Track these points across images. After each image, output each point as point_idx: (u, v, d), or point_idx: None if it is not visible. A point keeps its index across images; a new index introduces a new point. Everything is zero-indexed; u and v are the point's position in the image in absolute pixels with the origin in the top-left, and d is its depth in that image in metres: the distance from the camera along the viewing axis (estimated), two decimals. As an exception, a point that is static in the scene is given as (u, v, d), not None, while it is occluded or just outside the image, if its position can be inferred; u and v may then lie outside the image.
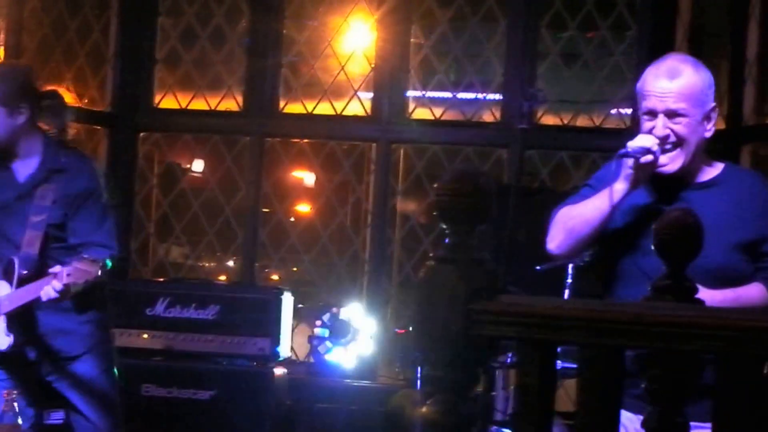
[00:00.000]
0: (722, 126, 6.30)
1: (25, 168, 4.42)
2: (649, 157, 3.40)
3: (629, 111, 6.78)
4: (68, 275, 4.09)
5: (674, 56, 3.59)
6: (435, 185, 2.36)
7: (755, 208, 3.46)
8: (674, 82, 3.43)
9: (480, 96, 6.93)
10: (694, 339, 2.06)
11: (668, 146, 3.43)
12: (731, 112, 6.23)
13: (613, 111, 6.83)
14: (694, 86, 3.44)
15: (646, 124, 3.48)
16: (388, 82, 6.95)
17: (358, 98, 7.00)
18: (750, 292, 3.45)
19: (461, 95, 6.97)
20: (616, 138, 6.30)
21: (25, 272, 4.26)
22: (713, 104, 3.48)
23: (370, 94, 7.01)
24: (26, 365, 4.38)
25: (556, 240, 3.55)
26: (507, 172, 6.63)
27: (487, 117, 6.89)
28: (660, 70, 3.48)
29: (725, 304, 3.25)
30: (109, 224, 4.45)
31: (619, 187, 3.45)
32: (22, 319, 4.30)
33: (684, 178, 3.50)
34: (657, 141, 3.43)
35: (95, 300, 4.44)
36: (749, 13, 6.19)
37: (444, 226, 2.37)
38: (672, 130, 3.43)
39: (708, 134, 3.48)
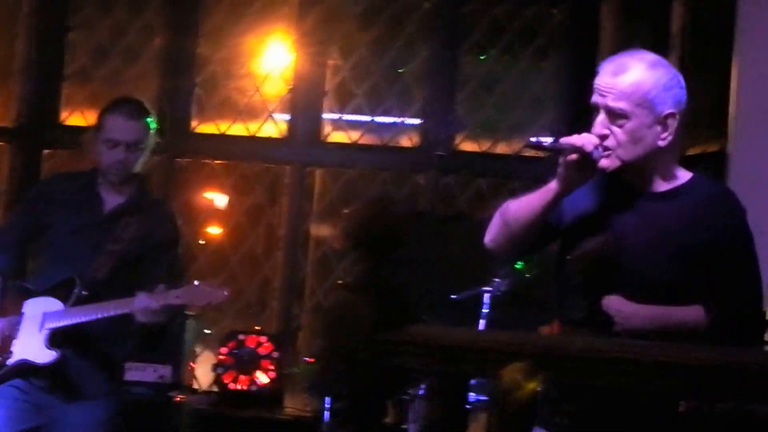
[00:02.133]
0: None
1: (113, 198, 4.33)
2: (573, 156, 3.17)
3: (549, 140, 6.79)
4: (177, 297, 4.01)
5: (634, 51, 3.28)
6: (345, 212, 2.34)
7: (711, 217, 3.26)
8: (617, 78, 3.20)
9: (398, 120, 6.93)
10: (606, 373, 2.04)
11: (603, 149, 3.16)
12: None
13: (533, 139, 6.83)
14: (640, 85, 3.21)
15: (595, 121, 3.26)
16: (304, 104, 6.92)
17: (273, 120, 6.96)
18: (684, 313, 3.22)
19: (379, 119, 6.96)
20: (535, 166, 6.35)
21: (85, 293, 4.13)
22: (670, 110, 3.20)
23: (286, 116, 6.98)
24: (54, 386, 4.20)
25: (491, 233, 3.29)
26: (424, 198, 6.62)
27: (405, 142, 6.90)
28: (609, 63, 3.26)
29: (654, 321, 3.08)
30: (183, 276, 4.38)
31: (552, 186, 3.22)
32: (69, 338, 4.14)
33: (639, 186, 3.29)
34: (595, 141, 3.18)
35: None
36: (670, 45, 6.25)
37: (354, 254, 2.35)
38: (612, 131, 3.18)
39: (662, 143, 3.21)
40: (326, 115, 6.99)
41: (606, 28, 6.68)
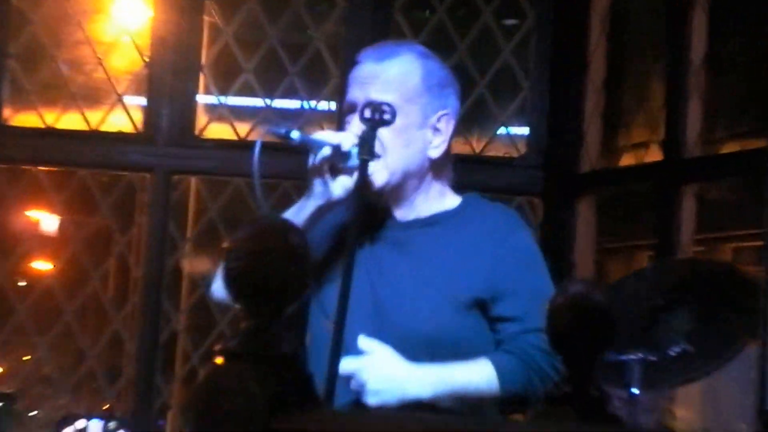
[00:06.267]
0: (658, 157, 6.46)
1: None
2: (326, 152, 3.65)
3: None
4: None
5: (402, 41, 3.69)
6: (224, 245, 2.37)
7: (489, 254, 3.59)
8: (383, 65, 3.65)
9: (306, 105, 6.97)
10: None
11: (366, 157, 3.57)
12: (669, 138, 6.31)
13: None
14: (410, 75, 3.64)
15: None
16: (169, 83, 6.91)
17: (124, 107, 6.95)
18: (468, 373, 3.51)
19: (279, 104, 7.00)
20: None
21: None
22: (444, 111, 3.67)
23: (143, 101, 6.98)
24: None
25: None
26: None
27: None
28: (372, 50, 3.73)
29: (433, 386, 3.30)
30: None
31: (304, 201, 3.76)
32: None
33: (397, 210, 3.71)
34: (354, 141, 3.61)
35: None
36: None
37: (238, 306, 2.37)
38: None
39: (434, 153, 3.67)
40: (202, 99, 7.01)
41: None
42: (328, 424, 2.34)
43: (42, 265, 8.59)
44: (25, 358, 7.68)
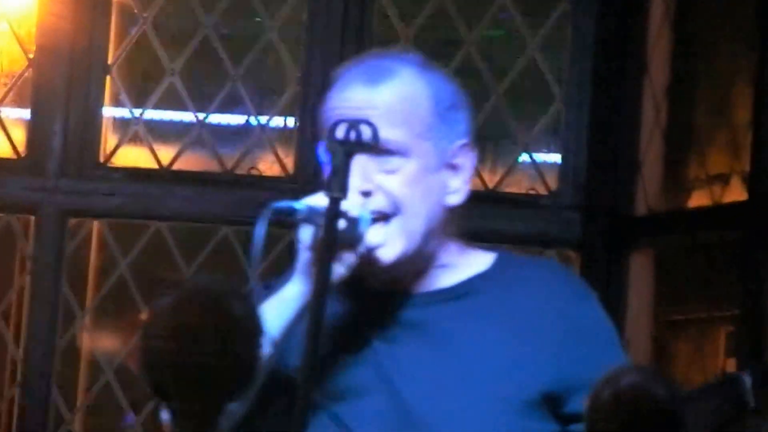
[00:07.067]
0: (742, 195, 6.41)
1: None
2: (340, 225, 3.48)
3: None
4: None
5: (387, 52, 3.91)
6: (140, 317, 2.28)
7: (554, 333, 3.64)
8: (378, 89, 3.64)
9: (255, 121, 6.96)
10: None
11: (373, 214, 3.60)
12: (758, 168, 6.26)
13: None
14: (419, 99, 3.66)
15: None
16: (63, 90, 6.88)
17: (0, 122, 6.93)
18: None
19: (216, 119, 7.01)
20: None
21: None
22: (461, 141, 3.69)
23: (26, 114, 6.95)
24: None
25: None
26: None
27: (268, 165, 6.92)
28: (355, 71, 3.71)
29: None
30: None
31: (294, 291, 3.63)
32: None
33: (410, 281, 3.72)
34: (360, 200, 3.58)
35: None
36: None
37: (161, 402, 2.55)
38: (379, 185, 3.60)
39: (454, 199, 3.67)
40: (109, 112, 6.99)
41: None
42: None
43: None
44: None
